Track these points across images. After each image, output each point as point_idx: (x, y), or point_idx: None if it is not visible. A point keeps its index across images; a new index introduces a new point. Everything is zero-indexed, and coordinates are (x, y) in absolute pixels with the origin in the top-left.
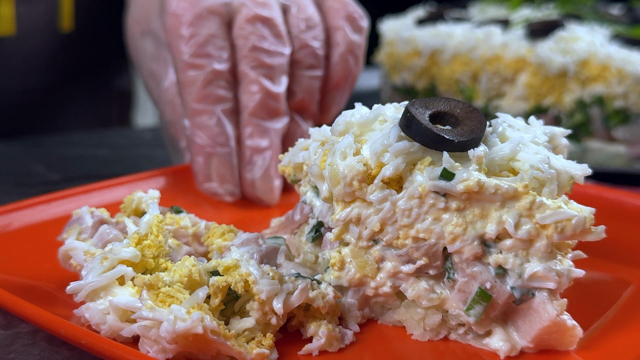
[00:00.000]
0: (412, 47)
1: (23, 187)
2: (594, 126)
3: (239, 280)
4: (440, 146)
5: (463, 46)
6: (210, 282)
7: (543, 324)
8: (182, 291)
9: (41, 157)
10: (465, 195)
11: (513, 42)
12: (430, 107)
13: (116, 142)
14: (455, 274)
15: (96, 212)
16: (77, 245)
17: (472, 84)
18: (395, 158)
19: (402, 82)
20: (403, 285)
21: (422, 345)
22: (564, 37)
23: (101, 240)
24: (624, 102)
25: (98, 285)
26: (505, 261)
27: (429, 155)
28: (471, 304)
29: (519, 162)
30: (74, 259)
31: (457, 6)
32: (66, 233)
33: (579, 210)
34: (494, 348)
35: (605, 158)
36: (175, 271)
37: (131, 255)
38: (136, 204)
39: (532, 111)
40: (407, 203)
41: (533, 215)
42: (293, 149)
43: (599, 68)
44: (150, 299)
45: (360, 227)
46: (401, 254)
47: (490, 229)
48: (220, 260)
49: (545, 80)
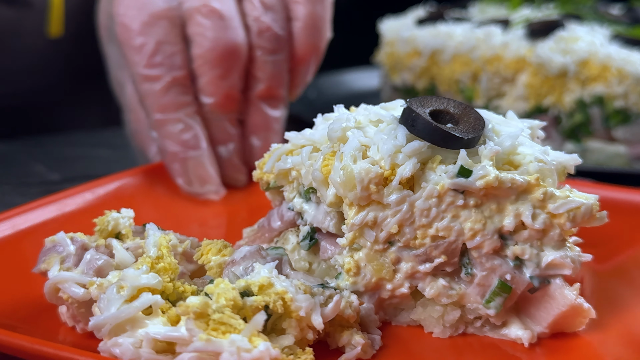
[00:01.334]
0: (412, 47)
1: (23, 187)
2: (594, 126)
3: (277, 299)
4: (450, 144)
5: (463, 46)
6: (248, 303)
7: (561, 309)
8: (234, 317)
9: (41, 157)
10: (483, 191)
11: (513, 42)
12: (427, 106)
13: (116, 142)
14: (474, 268)
15: (76, 237)
16: (66, 276)
17: (472, 84)
18: (409, 159)
19: (402, 82)
20: (420, 284)
21: (442, 341)
22: (564, 37)
23: (91, 267)
24: (624, 102)
25: (124, 318)
26: (522, 252)
27: (438, 153)
28: (491, 296)
29: (519, 156)
30: (63, 291)
31: (457, 6)
32: (44, 264)
33: (585, 197)
34: (514, 337)
35: (605, 158)
36: (219, 295)
37: (154, 282)
38: (113, 226)
39: (532, 111)
40: (425, 203)
41: (546, 206)
42: (271, 156)
43: (599, 68)
44: (200, 328)
45: (376, 230)
46: (418, 254)
47: (508, 222)
48: (250, 279)
49: (546, 80)
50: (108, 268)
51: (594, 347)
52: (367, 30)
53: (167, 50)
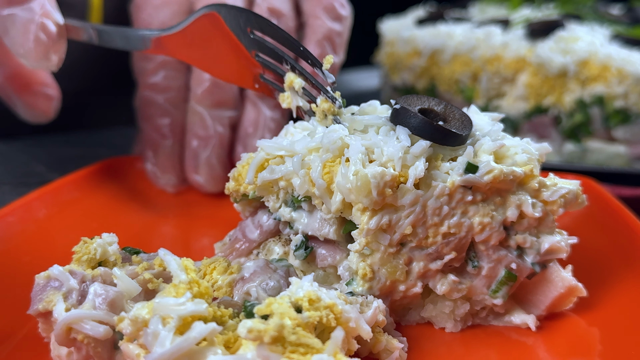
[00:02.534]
0: (412, 47)
1: (23, 187)
2: (594, 126)
3: (328, 313)
4: (450, 141)
5: (463, 46)
6: (304, 320)
7: (559, 291)
8: (309, 336)
9: (41, 157)
10: (489, 185)
11: (513, 42)
12: (414, 105)
13: (116, 142)
14: (480, 261)
15: (74, 270)
16: (82, 314)
17: (472, 84)
18: (418, 159)
19: (402, 82)
20: (431, 282)
21: (450, 335)
22: (564, 37)
23: (104, 302)
24: (624, 102)
25: (182, 351)
26: (524, 241)
27: (438, 151)
28: (498, 286)
29: (504, 148)
30: (77, 331)
31: (457, 6)
32: (43, 303)
33: (569, 184)
34: (519, 323)
35: (605, 158)
36: (282, 315)
37: (202, 309)
38: (101, 254)
39: (532, 111)
40: (437, 201)
41: (540, 195)
42: (250, 167)
43: (599, 68)
44: (275, 352)
45: (390, 233)
46: (430, 252)
47: (511, 213)
48: (297, 295)
49: (546, 80)
50: (120, 300)
51: (585, 324)
52: (367, 30)
53: None
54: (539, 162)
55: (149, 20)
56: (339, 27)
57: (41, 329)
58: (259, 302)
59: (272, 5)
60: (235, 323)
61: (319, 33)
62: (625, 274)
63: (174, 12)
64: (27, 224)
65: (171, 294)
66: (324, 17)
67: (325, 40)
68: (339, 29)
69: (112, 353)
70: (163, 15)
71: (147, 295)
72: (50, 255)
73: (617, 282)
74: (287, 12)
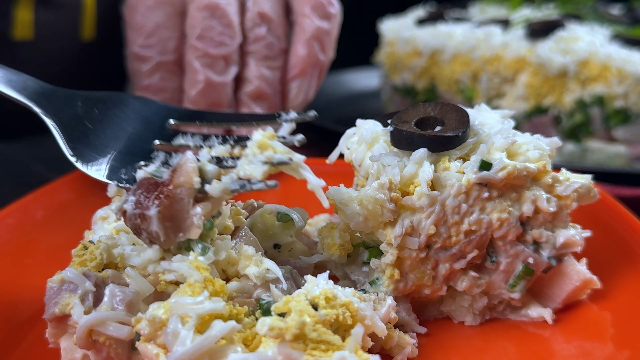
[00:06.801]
0: (412, 47)
1: (23, 187)
2: (594, 126)
3: (344, 311)
4: (449, 145)
5: (463, 46)
6: (322, 318)
7: (575, 284)
8: (329, 333)
9: (41, 157)
10: (504, 181)
11: (513, 42)
12: (410, 119)
13: None
14: (499, 256)
15: (89, 273)
16: (104, 316)
17: (472, 84)
18: (419, 165)
19: (402, 82)
20: (452, 281)
21: (469, 329)
22: (564, 37)
23: (122, 302)
24: (624, 102)
25: (204, 350)
26: (540, 235)
27: (444, 154)
28: (515, 280)
29: (516, 145)
30: (99, 333)
31: (457, 6)
32: (59, 307)
33: (582, 178)
34: (536, 317)
35: (605, 158)
36: (301, 312)
37: (220, 307)
38: (117, 256)
39: (532, 111)
40: (454, 200)
41: (554, 190)
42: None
43: (599, 68)
44: (297, 349)
45: (415, 236)
46: (454, 252)
47: (527, 208)
48: (314, 293)
49: (546, 80)
50: (137, 300)
51: (602, 314)
52: (367, 30)
53: (163, 34)
54: (550, 157)
55: (142, 21)
56: (328, 25)
57: (50, 334)
58: (274, 301)
59: (262, 9)
60: (251, 321)
61: (307, 32)
62: (626, 274)
63: (167, 14)
64: (25, 225)
65: (187, 293)
66: (312, 16)
67: (313, 39)
68: (327, 27)
69: (130, 354)
70: (157, 16)
71: (156, 296)
72: (51, 257)
73: (617, 282)
74: (275, 18)
